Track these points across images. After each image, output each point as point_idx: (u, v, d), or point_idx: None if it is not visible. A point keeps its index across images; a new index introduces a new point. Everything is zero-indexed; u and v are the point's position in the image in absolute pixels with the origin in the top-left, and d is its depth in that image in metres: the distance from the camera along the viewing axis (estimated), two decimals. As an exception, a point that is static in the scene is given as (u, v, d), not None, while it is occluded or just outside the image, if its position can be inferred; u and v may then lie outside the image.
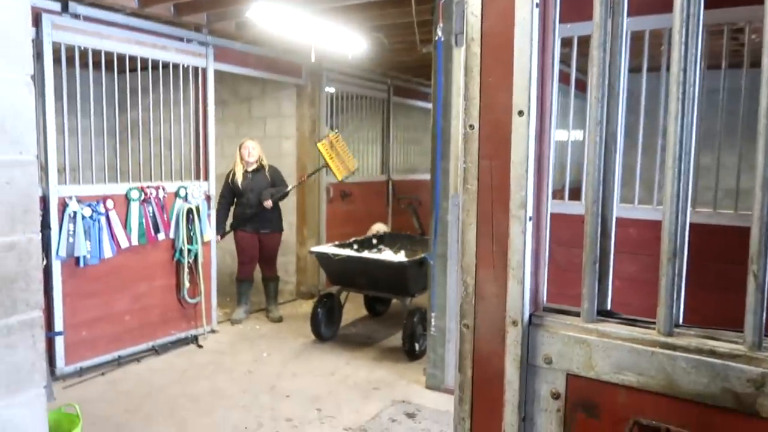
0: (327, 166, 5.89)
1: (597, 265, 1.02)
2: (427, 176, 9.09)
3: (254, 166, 5.86)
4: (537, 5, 0.97)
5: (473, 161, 1.05)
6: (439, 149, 4.31)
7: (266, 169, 5.89)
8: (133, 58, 4.86)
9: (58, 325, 4.42)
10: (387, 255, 5.50)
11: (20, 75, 1.86)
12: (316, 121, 6.85)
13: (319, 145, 5.81)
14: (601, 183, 1.00)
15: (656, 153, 3.60)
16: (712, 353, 0.91)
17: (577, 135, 5.88)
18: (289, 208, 6.87)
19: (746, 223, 3.21)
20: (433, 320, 4.39)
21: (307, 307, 6.58)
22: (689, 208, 1.00)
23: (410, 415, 4.02)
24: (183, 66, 5.24)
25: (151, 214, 5.00)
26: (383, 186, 8.07)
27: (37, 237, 1.97)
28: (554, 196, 3.93)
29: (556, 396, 1.02)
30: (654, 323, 0.99)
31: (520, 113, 0.98)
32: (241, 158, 5.85)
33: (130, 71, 4.84)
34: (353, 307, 6.35)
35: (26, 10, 1.88)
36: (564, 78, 3.76)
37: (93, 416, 3.87)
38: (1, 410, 1.89)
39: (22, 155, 1.89)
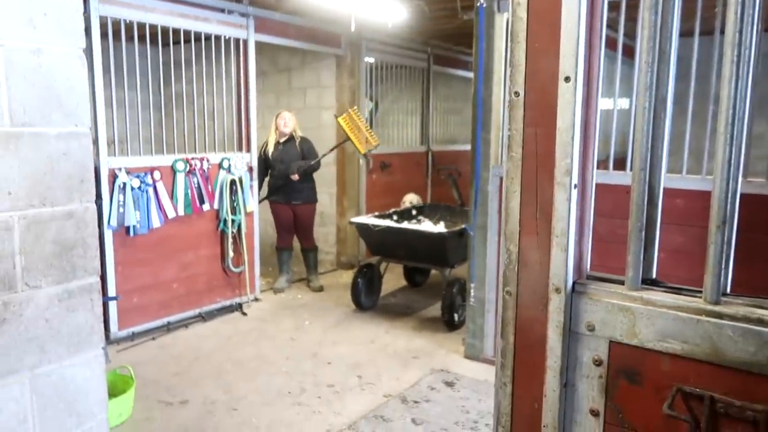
0: (348, 139, 5.87)
1: (643, 232, 1.01)
2: (467, 147, 9.01)
3: (286, 137, 5.91)
4: (584, -33, 0.94)
5: (518, 129, 1.05)
6: (480, 119, 4.26)
7: (297, 141, 5.91)
8: (176, 31, 4.93)
9: (112, 292, 4.63)
10: (426, 226, 5.51)
11: (74, 49, 1.93)
12: (355, 92, 6.84)
13: (339, 119, 5.79)
14: (650, 150, 0.99)
15: (707, 121, 3.48)
16: (760, 322, 0.90)
17: (622, 103, 5.71)
18: (328, 179, 6.93)
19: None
20: (472, 291, 4.40)
21: (347, 277, 6.68)
22: (740, 176, 0.98)
23: (449, 384, 4.08)
24: (224, 38, 5.30)
25: (196, 185, 5.13)
26: (423, 157, 8.04)
27: (93, 206, 2.05)
28: (598, 166, 3.84)
29: (598, 363, 1.03)
30: (700, 292, 0.98)
31: (567, 79, 0.97)
32: (276, 128, 5.91)
33: (173, 44, 4.92)
34: (393, 278, 6.42)
35: (77, -16, 1.94)
36: (610, 44, 3.64)
37: (145, 378, 4.06)
38: (65, 369, 2.01)
39: (78, 127, 1.97)
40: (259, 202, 5.92)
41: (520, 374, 1.07)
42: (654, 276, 1.07)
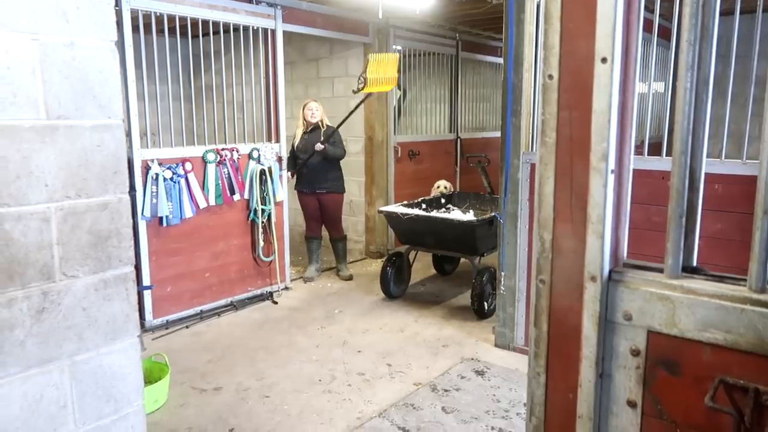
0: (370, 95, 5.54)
1: (683, 219, 0.97)
2: (497, 134, 8.90)
3: (312, 126, 5.91)
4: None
5: (552, 112, 1.02)
6: (510, 105, 4.19)
7: (322, 131, 5.89)
8: (205, 23, 4.97)
9: (146, 281, 4.72)
10: (456, 214, 5.48)
11: (106, 42, 1.95)
12: (383, 80, 6.79)
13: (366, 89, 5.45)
14: (690, 133, 0.95)
15: (747, 104, 3.35)
16: (810, 311, 0.86)
17: (658, 87, 5.55)
18: (356, 168, 6.93)
19: None
20: (503, 279, 4.36)
21: (376, 266, 6.70)
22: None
23: (479, 373, 4.06)
24: (253, 28, 5.32)
25: (227, 176, 5.18)
26: (451, 145, 7.98)
27: (126, 197, 2.09)
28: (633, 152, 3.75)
29: (635, 353, 1.00)
30: (744, 280, 0.94)
31: (604, 60, 0.93)
32: (304, 118, 5.92)
33: (202, 36, 4.97)
34: (422, 267, 6.40)
35: (108, -23, 1.96)
36: (646, 25, 3.53)
37: (179, 365, 4.15)
38: (102, 356, 2.06)
39: (110, 119, 2.00)
40: (290, 176, 5.83)
41: (555, 364, 1.05)
42: (695, 264, 1.04)
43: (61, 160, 1.88)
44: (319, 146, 5.73)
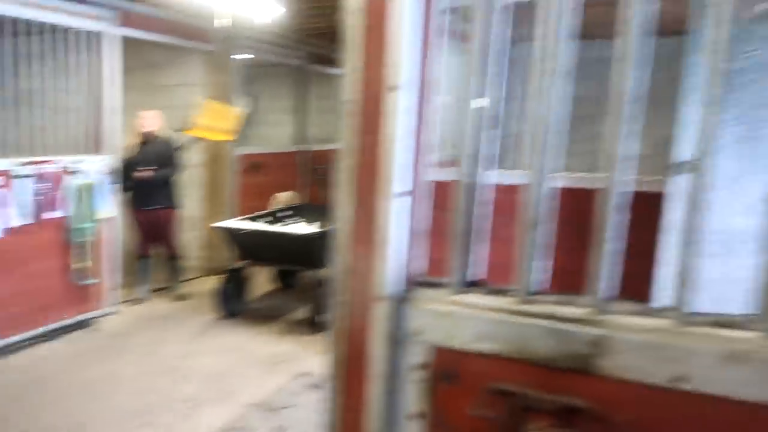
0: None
1: (464, 237, 1.06)
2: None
3: (147, 139, 5.58)
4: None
5: (349, 137, 1.06)
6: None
7: (157, 142, 5.58)
8: (26, 22, 4.43)
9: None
10: (294, 227, 5.44)
11: None
12: (227, 90, 6.60)
13: (192, 132, 5.51)
14: (474, 153, 1.03)
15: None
16: (560, 319, 0.97)
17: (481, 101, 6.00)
18: (195, 181, 6.63)
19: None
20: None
21: (213, 283, 6.42)
22: (550, 179, 1.05)
23: (313, 387, 4.05)
24: (79, 30, 4.86)
25: (42, 191, 4.64)
26: (299, 156, 7.93)
27: None
28: (449, 165, 3.98)
29: (422, 368, 1.06)
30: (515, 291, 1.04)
31: (394, 87, 0.99)
32: (138, 129, 5.56)
33: (24, 35, 4.44)
34: (265, 281, 6.27)
35: None
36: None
37: (-27, 405, 3.61)
38: None
39: None
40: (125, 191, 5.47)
41: (350, 383, 1.08)
42: (477, 278, 1.13)
43: None
44: (146, 174, 5.40)
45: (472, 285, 1.11)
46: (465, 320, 1.03)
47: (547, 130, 1.00)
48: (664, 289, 2.80)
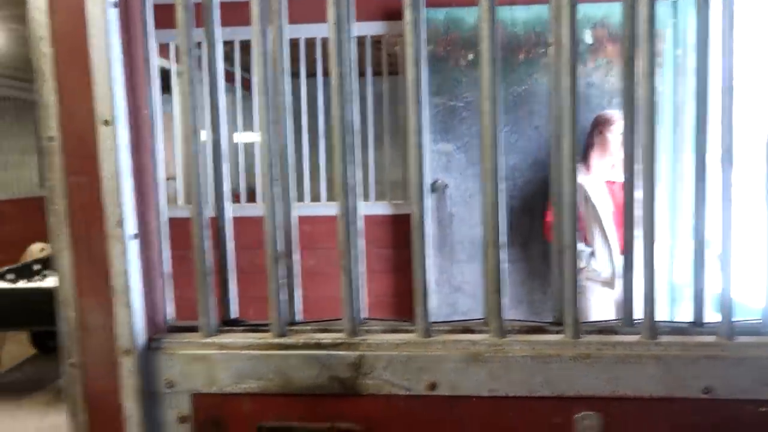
0: None
1: (210, 277, 1.00)
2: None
3: None
4: (114, 5, 0.88)
5: (58, 178, 0.92)
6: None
7: None
8: None
9: None
10: (53, 281, 4.76)
11: None
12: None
13: None
14: (206, 188, 0.99)
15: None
16: (318, 346, 0.97)
17: (251, 136, 5.96)
18: None
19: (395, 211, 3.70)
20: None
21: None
22: (294, 209, 1.06)
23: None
24: None
25: None
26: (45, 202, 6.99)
27: None
28: (235, 200, 3.90)
29: (183, 419, 0.97)
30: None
31: (106, 122, 0.89)
32: None
33: None
34: (15, 347, 5.35)
35: None
36: (229, 77, 3.74)
37: None
38: None
39: None
40: None
41: (102, 454, 0.94)
42: (233, 315, 1.07)
43: None
44: None
45: (231, 323, 1.05)
46: (223, 362, 0.97)
47: (276, 162, 0.99)
48: (432, 300, 3.20)
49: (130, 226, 0.92)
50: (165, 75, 4.14)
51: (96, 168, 0.90)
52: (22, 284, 4.61)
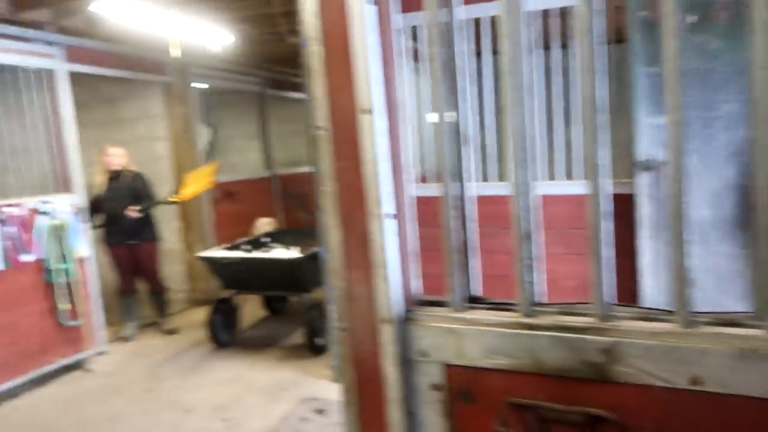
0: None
1: (458, 254, 1.04)
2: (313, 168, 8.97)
3: (115, 174, 5.48)
4: (373, 2, 0.95)
5: (328, 163, 1.03)
6: (318, 140, 4.24)
7: (126, 177, 5.49)
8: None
9: None
10: (278, 252, 5.39)
11: None
12: (188, 120, 6.53)
13: (179, 198, 5.61)
14: (456, 170, 1.02)
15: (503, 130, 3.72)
16: (567, 329, 0.96)
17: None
18: (170, 214, 6.52)
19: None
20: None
21: (202, 315, 6.32)
22: (534, 190, 1.04)
23: (320, 412, 4.00)
24: (29, 69, 4.76)
25: (12, 235, 4.53)
26: (269, 182, 7.89)
27: None
28: (424, 180, 3.99)
29: (436, 387, 1.04)
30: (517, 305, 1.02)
31: (365, 112, 0.97)
32: (104, 166, 5.46)
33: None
34: (252, 309, 6.19)
35: None
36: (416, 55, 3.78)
37: (-34, 468, 3.49)
38: None
39: None
40: (94, 228, 5.38)
41: (365, 409, 1.05)
42: (476, 293, 1.11)
43: None
44: (134, 214, 5.32)
45: (473, 300, 1.09)
46: (472, 337, 1.01)
47: (523, 141, 0.98)
48: (648, 285, 3.01)
49: (388, 205, 1.00)
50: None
51: (358, 153, 0.98)
52: (257, 254, 5.28)
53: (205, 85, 6.75)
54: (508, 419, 0.98)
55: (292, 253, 5.27)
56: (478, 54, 3.29)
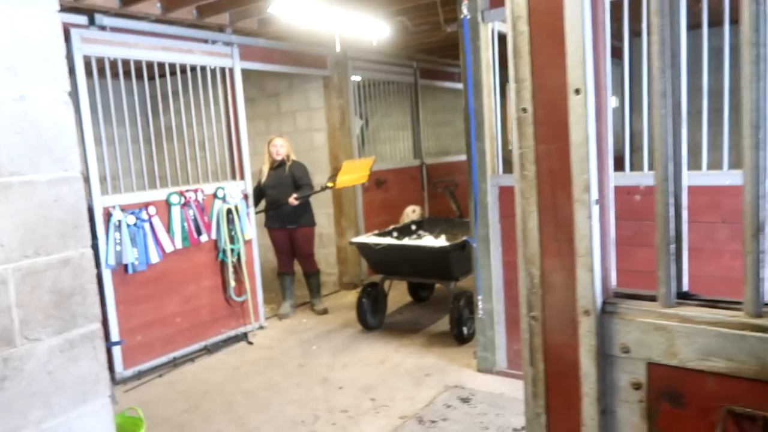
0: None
1: (672, 246, 0.96)
2: (461, 158, 8.97)
3: (277, 163, 5.87)
4: (588, -25, 0.90)
5: (529, 146, 1.00)
6: (473, 130, 4.22)
7: (288, 165, 5.85)
8: (161, 64, 4.90)
9: (114, 332, 4.54)
10: (427, 240, 5.45)
11: (59, 93, 1.88)
12: (345, 112, 6.82)
13: (336, 183, 5.79)
14: (671, 159, 0.94)
15: (700, 114, 3.43)
16: (809, 334, 0.85)
17: (611, 102, 5.67)
18: (325, 200, 6.88)
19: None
20: (480, 303, 4.34)
21: (351, 297, 6.61)
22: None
23: (465, 400, 4.00)
24: (210, 68, 5.27)
25: (192, 217, 5.07)
26: (417, 171, 8.00)
27: (89, 251, 2.00)
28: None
29: (637, 386, 0.97)
30: (737, 303, 0.92)
31: (577, 91, 0.92)
32: (269, 155, 5.87)
33: (159, 77, 4.91)
34: (397, 294, 6.34)
35: (58, 28, 1.90)
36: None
37: (154, 417, 3.97)
38: (72, 421, 1.94)
39: (67, 172, 1.92)
40: (256, 213, 5.83)
41: (554, 403, 1.01)
42: (686, 288, 1.02)
43: (16, 218, 1.79)
44: (293, 201, 5.69)
45: (684, 296, 1.00)
46: (686, 335, 0.93)
47: (764, 125, 0.87)
48: None
49: (594, 191, 0.95)
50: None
51: (565, 135, 0.95)
52: (409, 241, 5.39)
53: (359, 78, 6.99)
54: (727, 428, 0.89)
55: (442, 241, 5.31)
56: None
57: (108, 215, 4.47)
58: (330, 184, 5.75)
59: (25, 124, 1.80)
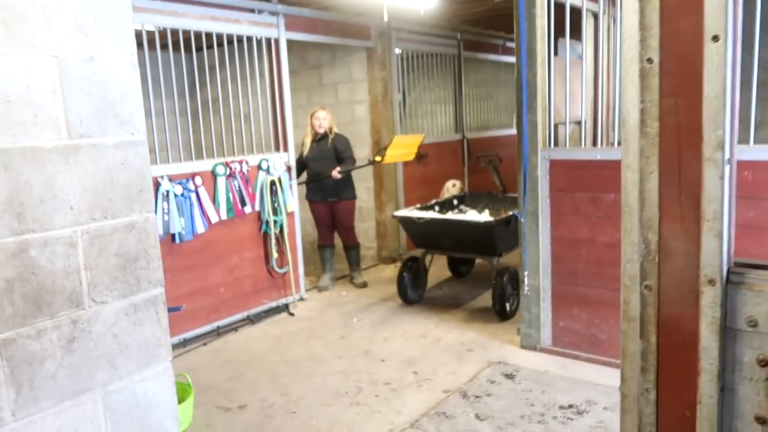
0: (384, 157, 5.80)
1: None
2: (503, 132, 8.82)
3: (320, 136, 5.82)
4: None
5: (653, 100, 0.92)
6: (525, 102, 4.10)
7: (331, 138, 5.80)
8: (209, 35, 4.88)
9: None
10: (472, 215, 5.38)
11: (126, 55, 1.86)
12: (387, 84, 6.72)
13: (384, 159, 5.73)
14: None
15: (749, 88, 3.25)
16: None
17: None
18: (365, 174, 6.84)
19: None
20: (526, 279, 4.26)
21: (389, 271, 6.59)
22: None
23: (509, 376, 3.96)
24: (256, 38, 5.23)
25: (237, 188, 5.09)
26: (458, 145, 7.88)
27: (153, 216, 1.99)
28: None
29: (763, 363, 0.91)
30: None
31: (715, 38, 0.84)
32: (312, 127, 5.83)
33: (207, 48, 4.89)
34: (436, 269, 6.30)
35: (126, -11, 1.86)
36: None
37: (201, 384, 4.04)
38: (136, 384, 1.95)
39: (134, 136, 1.91)
40: (299, 185, 5.84)
41: (667, 379, 0.95)
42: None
43: (85, 180, 1.79)
44: (336, 175, 5.67)
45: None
46: (826, 309, 0.86)
47: None
48: None
49: (727, 149, 0.88)
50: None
51: (698, 88, 0.87)
52: (452, 216, 5.32)
53: (399, 50, 6.87)
54: None
55: (486, 216, 5.23)
56: None
57: (157, 185, 4.51)
58: (378, 158, 5.71)
59: (94, 86, 1.79)
